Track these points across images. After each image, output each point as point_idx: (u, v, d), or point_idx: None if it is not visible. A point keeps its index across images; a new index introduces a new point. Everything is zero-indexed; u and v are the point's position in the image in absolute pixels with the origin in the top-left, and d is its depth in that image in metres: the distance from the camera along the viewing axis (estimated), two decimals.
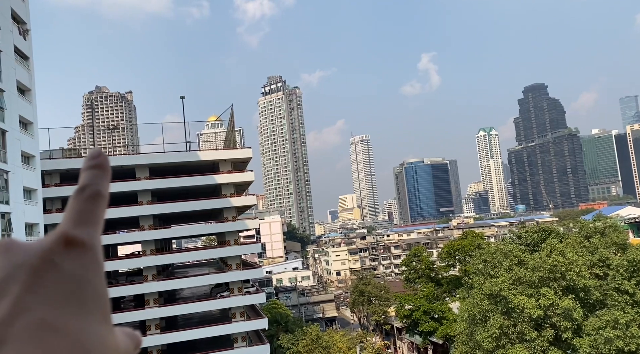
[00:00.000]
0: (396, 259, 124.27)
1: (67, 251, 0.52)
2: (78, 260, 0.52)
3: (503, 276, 28.99)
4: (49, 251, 0.51)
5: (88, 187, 0.55)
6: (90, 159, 0.57)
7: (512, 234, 41.18)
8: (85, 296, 0.50)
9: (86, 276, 0.52)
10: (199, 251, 54.44)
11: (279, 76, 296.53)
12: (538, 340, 26.09)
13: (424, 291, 56.62)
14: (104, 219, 0.54)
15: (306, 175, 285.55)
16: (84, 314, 0.49)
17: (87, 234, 0.54)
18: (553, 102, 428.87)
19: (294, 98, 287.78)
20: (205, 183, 42.77)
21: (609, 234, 30.90)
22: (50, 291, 0.48)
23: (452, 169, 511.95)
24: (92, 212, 0.55)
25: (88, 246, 0.53)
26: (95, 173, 0.55)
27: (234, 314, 42.63)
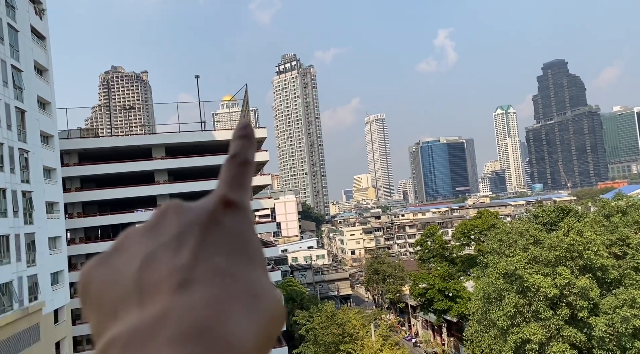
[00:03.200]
0: (411, 238, 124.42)
1: (227, 211, 0.59)
2: (236, 219, 0.58)
3: (519, 255, 28.87)
4: (213, 210, 0.58)
5: (238, 155, 0.61)
6: (238, 129, 0.64)
7: (529, 213, 40.83)
8: (247, 249, 0.57)
9: (245, 232, 0.58)
10: None
11: (293, 55, 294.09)
12: (553, 319, 26.05)
13: (439, 270, 56.76)
14: (251, 184, 0.61)
15: (321, 155, 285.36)
16: (250, 264, 0.55)
17: (240, 197, 0.60)
18: (573, 79, 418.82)
19: (309, 77, 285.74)
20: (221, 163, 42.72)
21: (631, 213, 30.45)
22: (219, 244, 0.54)
23: (469, 148, 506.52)
24: (242, 178, 0.61)
25: (242, 207, 0.60)
26: (243, 142, 0.62)
27: None
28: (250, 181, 0.62)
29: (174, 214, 0.58)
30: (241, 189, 0.61)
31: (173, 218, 0.57)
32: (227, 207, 0.59)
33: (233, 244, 0.56)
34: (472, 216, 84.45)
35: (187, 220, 0.56)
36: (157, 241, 0.55)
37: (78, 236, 41.38)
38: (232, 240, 0.56)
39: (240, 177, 0.61)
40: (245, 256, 0.56)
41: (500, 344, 28.72)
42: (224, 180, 0.62)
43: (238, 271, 0.52)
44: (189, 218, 0.57)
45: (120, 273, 0.52)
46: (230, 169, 0.62)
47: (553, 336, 26.06)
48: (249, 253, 0.56)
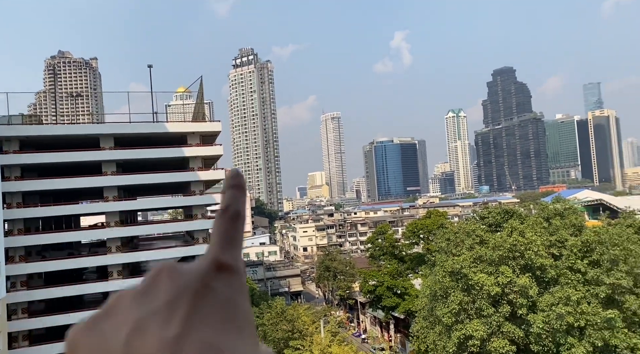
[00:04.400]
0: (362, 236, 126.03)
1: (219, 275, 0.58)
2: (228, 284, 0.58)
3: (465, 255, 29.89)
4: (205, 275, 0.57)
5: (230, 208, 0.60)
6: (230, 178, 0.62)
7: (476, 214, 42.36)
8: (238, 318, 0.57)
9: (237, 299, 0.58)
10: (165, 224, 53.75)
11: (250, 49, 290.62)
12: (495, 316, 27.18)
13: (388, 268, 57.90)
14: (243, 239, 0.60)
15: (276, 151, 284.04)
16: (240, 335, 0.55)
17: (234, 258, 0.60)
18: (520, 86, 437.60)
19: (266, 72, 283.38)
20: (173, 155, 41.99)
21: (568, 216, 32.15)
22: (209, 313, 0.54)
23: (421, 149, 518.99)
24: (235, 234, 0.60)
25: (235, 270, 0.60)
26: (234, 193, 0.60)
27: None
28: (242, 235, 0.62)
29: (166, 277, 0.57)
30: (234, 247, 0.60)
31: (166, 282, 0.57)
32: (220, 271, 0.58)
33: (223, 313, 0.55)
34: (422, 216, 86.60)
35: (179, 285, 0.56)
36: (148, 308, 0.54)
37: (17, 227, 39.19)
38: (223, 308, 0.56)
39: (232, 233, 0.60)
40: (235, 326, 0.56)
41: (445, 340, 29.68)
42: (216, 238, 0.61)
43: (227, 344, 0.52)
44: (181, 283, 0.56)
45: (109, 340, 0.51)
46: (222, 224, 0.61)
47: (494, 333, 27.20)
48: (239, 323, 0.56)
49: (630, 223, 31.59)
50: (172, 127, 42.90)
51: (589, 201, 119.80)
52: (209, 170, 46.45)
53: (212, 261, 0.59)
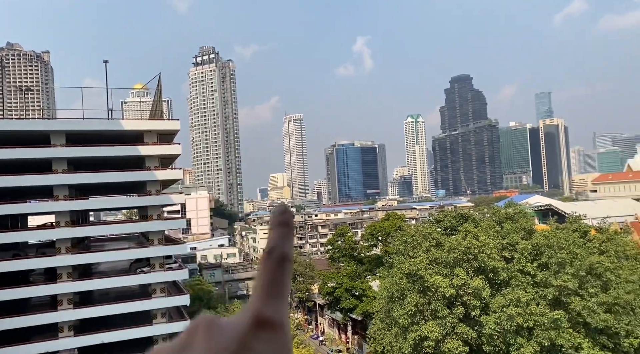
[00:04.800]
0: (323, 238, 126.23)
1: (261, 333, 0.54)
2: (271, 343, 0.54)
3: (421, 257, 30.43)
4: (245, 335, 0.53)
5: (275, 250, 0.55)
6: (276, 215, 0.56)
7: (432, 217, 43.26)
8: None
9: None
10: (119, 225, 52.02)
11: (212, 47, 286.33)
12: (449, 317, 27.79)
13: (347, 270, 58.22)
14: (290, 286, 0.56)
15: (237, 151, 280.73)
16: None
17: (278, 312, 0.56)
18: (477, 94, 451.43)
19: (227, 71, 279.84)
20: (128, 154, 40.68)
21: (519, 220, 33.31)
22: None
23: (381, 152, 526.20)
24: (280, 282, 0.57)
25: (278, 327, 0.55)
26: (281, 233, 0.55)
27: (154, 290, 41.43)
28: (289, 283, 0.57)
29: (204, 335, 0.54)
30: (279, 299, 0.56)
31: (202, 341, 0.54)
32: (261, 328, 0.54)
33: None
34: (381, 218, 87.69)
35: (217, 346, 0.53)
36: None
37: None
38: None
39: (278, 281, 0.56)
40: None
41: (401, 342, 30.09)
42: (259, 288, 0.56)
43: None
44: (219, 343, 0.54)
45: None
46: (267, 270, 0.56)
47: (448, 334, 27.80)
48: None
49: (576, 228, 33.05)
50: (128, 125, 41.59)
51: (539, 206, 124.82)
52: (167, 169, 45.36)
53: (254, 317, 0.55)
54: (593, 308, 25.55)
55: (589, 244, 30.20)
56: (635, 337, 25.77)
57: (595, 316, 25.37)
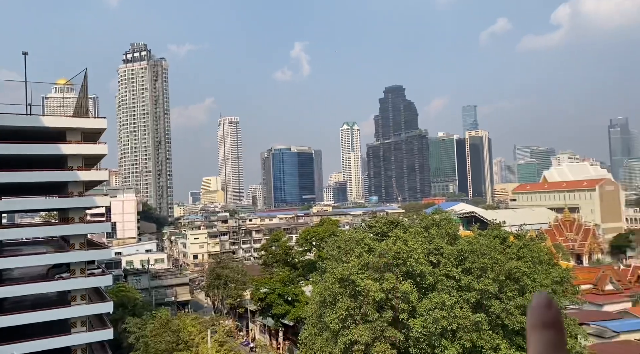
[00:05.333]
0: (257, 243, 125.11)
1: None
2: None
3: (354, 262, 30.90)
4: None
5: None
6: (538, 311, 0.42)
7: (365, 223, 44.14)
8: None
9: None
10: (36, 228, 48.39)
11: (143, 44, 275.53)
12: (379, 321, 28.39)
13: (280, 275, 58.00)
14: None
15: (168, 153, 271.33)
16: None
17: None
18: (409, 104, 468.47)
19: (160, 70, 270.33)
20: (49, 152, 38.04)
21: (444, 226, 34.78)
22: None
23: (317, 158, 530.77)
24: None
25: None
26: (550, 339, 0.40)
27: (74, 297, 38.95)
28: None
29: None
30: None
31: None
32: None
33: None
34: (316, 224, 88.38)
35: None
36: None
37: None
38: None
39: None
40: None
41: (331, 346, 30.32)
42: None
43: None
44: None
45: None
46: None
47: (377, 337, 28.38)
48: None
49: (497, 234, 35.04)
50: (50, 122, 38.93)
51: (464, 213, 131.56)
52: (91, 170, 42.93)
53: None
54: (511, 310, 27.16)
55: (508, 250, 32.10)
56: None
57: (513, 318, 26.98)
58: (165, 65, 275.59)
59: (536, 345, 0.41)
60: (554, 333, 0.41)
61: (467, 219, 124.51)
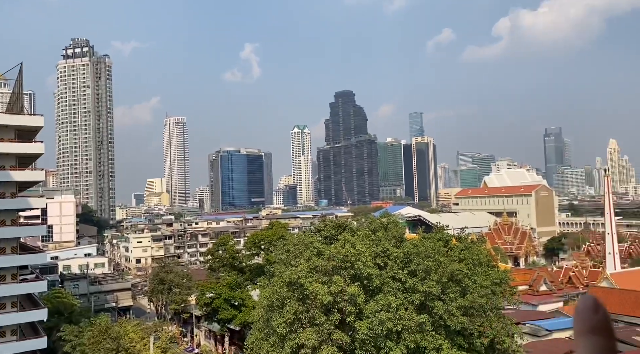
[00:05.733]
0: (203, 247, 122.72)
1: None
2: None
3: (302, 265, 30.89)
4: None
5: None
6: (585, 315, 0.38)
7: (314, 227, 44.28)
8: None
9: None
10: None
11: (85, 40, 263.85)
12: (326, 324, 28.51)
13: (227, 279, 57.05)
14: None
15: (111, 153, 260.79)
16: None
17: None
18: (358, 110, 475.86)
19: (103, 67, 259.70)
20: None
21: (391, 229, 35.49)
22: None
23: (267, 161, 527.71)
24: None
25: None
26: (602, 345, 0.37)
27: (4, 304, 36.53)
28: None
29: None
30: None
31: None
32: None
33: None
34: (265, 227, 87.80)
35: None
36: None
37: None
38: None
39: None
40: None
41: (278, 350, 30.11)
42: None
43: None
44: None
45: None
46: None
47: (324, 340, 28.48)
48: None
49: (440, 237, 36.16)
50: None
51: (410, 217, 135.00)
52: (25, 170, 40.50)
53: None
54: (453, 311, 28.08)
55: (450, 253, 33.20)
56: (485, 336, 28.83)
57: (454, 318, 27.89)
58: (108, 63, 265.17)
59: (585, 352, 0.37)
60: (603, 339, 0.37)
61: (413, 222, 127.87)
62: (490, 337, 29.01)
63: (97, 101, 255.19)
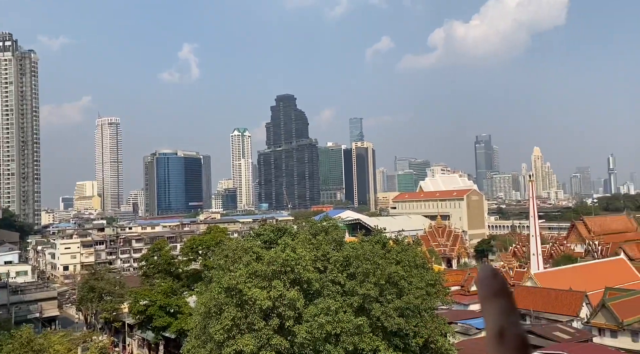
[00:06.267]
0: (137, 253, 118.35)
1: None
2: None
3: (241, 270, 30.46)
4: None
5: (507, 332, 0.42)
6: (486, 281, 0.43)
7: (253, 231, 43.85)
8: None
9: None
10: None
11: (8, 34, 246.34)
12: (265, 329, 28.26)
13: (162, 286, 55.22)
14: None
15: (36, 154, 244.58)
16: None
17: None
18: (300, 114, 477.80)
19: (27, 63, 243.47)
20: None
21: (331, 233, 35.84)
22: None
23: (205, 164, 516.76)
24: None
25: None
26: (502, 306, 0.42)
27: None
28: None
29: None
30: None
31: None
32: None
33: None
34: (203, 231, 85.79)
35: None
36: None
37: None
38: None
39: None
40: None
41: None
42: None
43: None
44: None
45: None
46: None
47: (263, 346, 28.20)
48: None
49: (378, 240, 36.98)
50: None
51: (349, 220, 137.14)
52: None
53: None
54: (389, 313, 28.76)
55: (388, 255, 34.01)
56: (420, 337, 29.76)
57: (391, 320, 28.59)
58: (34, 58, 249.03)
59: (491, 314, 0.43)
60: (505, 300, 0.43)
61: (353, 225, 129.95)
62: (425, 337, 29.99)
63: (21, 99, 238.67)
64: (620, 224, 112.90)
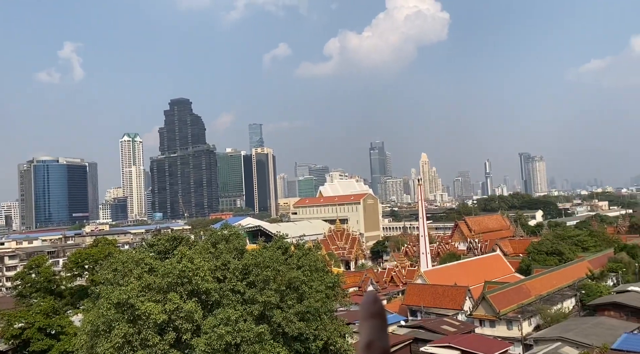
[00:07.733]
0: (10, 270, 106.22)
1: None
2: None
3: (133, 284, 28.66)
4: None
5: (374, 345, 0.51)
6: (367, 305, 0.53)
7: (145, 242, 41.53)
8: None
9: None
10: None
11: None
12: (160, 344, 26.84)
13: (41, 306, 50.04)
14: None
15: None
16: None
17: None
18: (196, 118, 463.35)
19: None
20: None
21: (232, 241, 35.16)
22: None
23: (91, 172, 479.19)
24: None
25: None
26: (375, 325, 0.52)
27: None
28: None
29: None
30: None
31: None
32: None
33: None
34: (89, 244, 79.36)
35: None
36: None
37: None
38: None
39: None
40: None
41: None
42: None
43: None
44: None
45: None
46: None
47: None
48: None
49: (280, 246, 37.06)
50: None
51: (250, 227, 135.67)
52: None
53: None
54: (290, 318, 28.87)
55: (289, 260, 34.19)
56: (320, 339, 30.27)
57: (292, 325, 28.71)
58: None
59: (366, 331, 0.51)
60: (379, 321, 0.52)
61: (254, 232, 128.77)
62: (325, 339, 30.57)
63: None
64: (496, 222, 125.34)
